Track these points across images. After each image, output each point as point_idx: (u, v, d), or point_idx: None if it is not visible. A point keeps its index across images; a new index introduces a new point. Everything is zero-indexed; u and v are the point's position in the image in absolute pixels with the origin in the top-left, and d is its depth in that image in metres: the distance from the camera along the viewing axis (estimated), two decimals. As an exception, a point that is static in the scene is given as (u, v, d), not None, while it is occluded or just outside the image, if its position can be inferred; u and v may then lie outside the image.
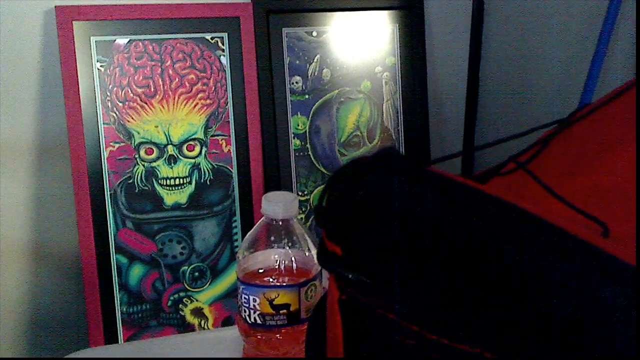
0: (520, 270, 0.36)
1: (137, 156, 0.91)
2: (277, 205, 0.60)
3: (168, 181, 0.92)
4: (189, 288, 0.93)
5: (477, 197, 0.38)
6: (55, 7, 0.87)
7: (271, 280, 0.61)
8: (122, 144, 0.90)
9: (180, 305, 0.93)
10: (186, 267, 0.93)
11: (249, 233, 0.63)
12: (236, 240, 0.94)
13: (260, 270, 0.61)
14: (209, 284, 0.94)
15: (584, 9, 1.08)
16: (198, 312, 0.93)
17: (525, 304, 0.35)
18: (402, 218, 0.38)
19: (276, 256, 0.61)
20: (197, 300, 0.93)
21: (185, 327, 0.93)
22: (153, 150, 0.91)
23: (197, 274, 0.93)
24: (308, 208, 0.98)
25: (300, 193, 0.97)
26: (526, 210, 0.37)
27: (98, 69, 0.89)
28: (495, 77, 1.09)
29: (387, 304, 0.40)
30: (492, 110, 1.09)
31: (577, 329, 0.34)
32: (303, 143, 0.97)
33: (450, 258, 0.38)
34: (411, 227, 0.39)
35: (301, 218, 0.98)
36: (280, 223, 0.61)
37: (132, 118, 0.91)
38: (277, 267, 0.61)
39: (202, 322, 0.93)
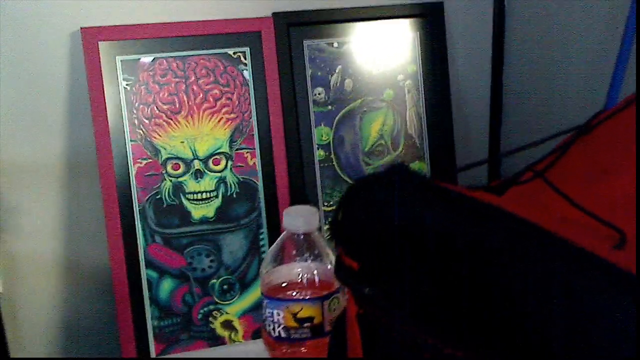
0: (525, 288, 0.36)
1: (164, 172, 0.92)
2: (298, 219, 0.61)
3: (195, 195, 0.93)
4: (218, 301, 0.94)
5: (486, 212, 0.38)
6: (81, 28, 0.89)
7: (294, 294, 0.61)
8: (150, 160, 0.92)
9: (210, 318, 0.94)
10: (215, 280, 0.94)
11: (271, 247, 0.64)
12: (263, 252, 0.95)
13: (284, 284, 0.62)
14: (238, 297, 0.94)
15: (606, 11, 1.06)
16: (228, 325, 0.94)
17: (544, 314, 0.35)
18: (408, 234, 0.38)
19: (299, 270, 0.62)
20: (226, 313, 0.94)
21: (215, 340, 0.94)
22: (180, 166, 0.93)
23: (226, 286, 0.94)
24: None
25: (326, 203, 0.98)
26: (537, 225, 0.37)
27: (124, 87, 0.91)
28: (519, 81, 1.08)
29: (403, 317, 0.40)
30: (517, 114, 1.08)
31: (587, 342, 0.34)
32: (327, 154, 0.98)
33: (464, 272, 0.38)
34: (419, 242, 0.39)
35: (327, 229, 0.98)
36: (302, 237, 0.62)
37: (159, 134, 0.92)
38: (300, 280, 0.62)
39: (232, 334, 0.94)
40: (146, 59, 0.92)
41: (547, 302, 0.34)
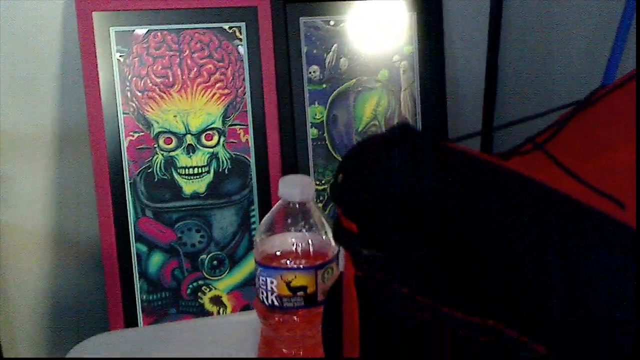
0: (536, 245, 0.36)
1: (156, 146, 0.92)
2: (294, 188, 0.61)
3: (187, 170, 0.93)
4: (207, 276, 0.94)
5: (495, 172, 0.38)
6: (75, -2, 0.88)
7: (288, 262, 0.61)
8: (142, 134, 0.91)
9: (199, 294, 0.94)
10: (205, 256, 0.93)
11: (266, 216, 0.63)
12: (254, 229, 0.95)
13: (278, 253, 0.62)
14: (228, 273, 0.94)
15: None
16: (217, 300, 0.94)
17: (541, 278, 0.35)
18: (413, 193, 0.38)
19: (293, 239, 0.62)
20: (215, 289, 0.94)
21: (204, 315, 0.93)
22: (172, 140, 0.92)
23: (215, 262, 0.94)
24: (326, 197, 0.98)
25: (317, 182, 0.97)
26: (544, 184, 0.37)
27: (117, 59, 0.90)
28: (515, 64, 1.08)
29: (401, 279, 0.40)
30: (511, 98, 1.09)
31: (590, 298, 0.34)
32: (320, 132, 0.97)
33: (465, 232, 0.38)
34: (425, 202, 0.39)
35: (319, 207, 0.98)
36: (297, 206, 0.62)
37: (151, 108, 0.91)
38: (294, 249, 0.61)
39: (221, 310, 0.94)
40: (140, 30, 0.91)
41: (543, 260, 0.34)
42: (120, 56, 0.90)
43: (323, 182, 0.98)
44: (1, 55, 0.89)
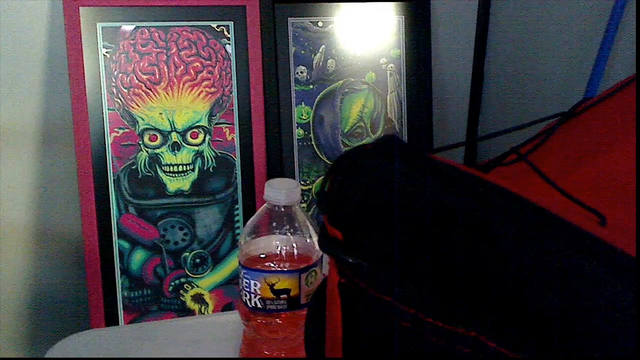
0: (518, 257, 0.36)
1: (141, 142, 0.91)
2: (280, 191, 0.61)
3: (171, 168, 0.93)
4: (190, 274, 0.94)
5: (477, 184, 0.39)
6: (63, -8, 0.87)
7: (272, 265, 0.61)
8: (127, 130, 0.91)
9: (181, 291, 0.93)
10: (188, 254, 0.93)
11: (251, 218, 0.64)
12: (238, 228, 0.95)
13: (262, 256, 0.62)
14: (210, 271, 0.94)
15: (591, 4, 1.08)
16: (199, 298, 0.94)
17: (521, 290, 0.36)
18: (401, 203, 0.38)
19: (278, 242, 0.62)
20: (197, 287, 0.94)
21: (185, 313, 0.93)
22: (157, 137, 0.92)
23: (198, 260, 0.94)
24: (310, 197, 0.98)
25: (302, 182, 0.98)
26: (527, 199, 0.37)
27: (104, 54, 0.90)
28: (501, 68, 1.09)
29: (385, 287, 0.41)
30: (496, 104, 1.10)
31: (574, 315, 0.34)
32: (306, 133, 0.98)
33: (448, 243, 0.38)
34: (410, 213, 0.39)
35: (303, 207, 0.98)
36: (283, 209, 0.62)
37: (137, 104, 0.91)
38: (278, 252, 0.62)
39: (203, 308, 0.94)
40: (128, 27, 0.91)
41: (541, 275, 0.34)
42: (106, 52, 0.90)
43: (308, 182, 0.98)
44: (-14, 48, 0.88)
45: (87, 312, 0.90)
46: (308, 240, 0.62)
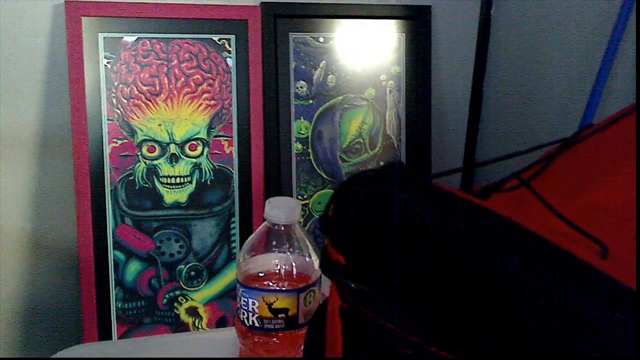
0: (520, 289, 0.36)
1: (139, 153, 0.91)
2: (280, 210, 0.61)
3: (169, 179, 0.92)
4: (184, 287, 0.93)
5: (479, 212, 0.39)
6: (65, 2, 0.87)
7: (271, 284, 0.61)
8: (125, 141, 0.91)
9: (175, 304, 0.93)
10: (183, 266, 0.93)
11: (250, 236, 0.63)
12: (234, 241, 0.95)
13: (261, 274, 0.62)
14: (205, 284, 0.94)
15: (589, 27, 1.09)
16: (193, 311, 0.94)
17: (524, 322, 0.36)
18: (404, 230, 0.38)
19: (277, 261, 0.62)
20: (192, 300, 0.94)
21: (179, 326, 0.93)
22: (155, 148, 0.92)
23: (193, 273, 0.93)
24: (307, 212, 0.98)
25: (300, 197, 0.98)
26: (528, 229, 0.38)
27: (105, 65, 0.90)
28: (499, 91, 1.10)
29: (388, 314, 0.40)
30: (494, 124, 1.10)
31: (574, 347, 0.34)
32: (305, 147, 0.98)
33: (451, 271, 0.38)
34: (413, 239, 0.39)
35: (300, 222, 0.98)
36: (283, 228, 0.62)
37: (136, 115, 0.91)
38: (277, 271, 0.62)
39: (197, 321, 0.94)
40: (129, 38, 0.90)
41: (543, 307, 0.34)
42: (107, 62, 0.90)
43: (305, 197, 0.98)
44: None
45: (80, 322, 0.90)
46: (307, 259, 0.62)
